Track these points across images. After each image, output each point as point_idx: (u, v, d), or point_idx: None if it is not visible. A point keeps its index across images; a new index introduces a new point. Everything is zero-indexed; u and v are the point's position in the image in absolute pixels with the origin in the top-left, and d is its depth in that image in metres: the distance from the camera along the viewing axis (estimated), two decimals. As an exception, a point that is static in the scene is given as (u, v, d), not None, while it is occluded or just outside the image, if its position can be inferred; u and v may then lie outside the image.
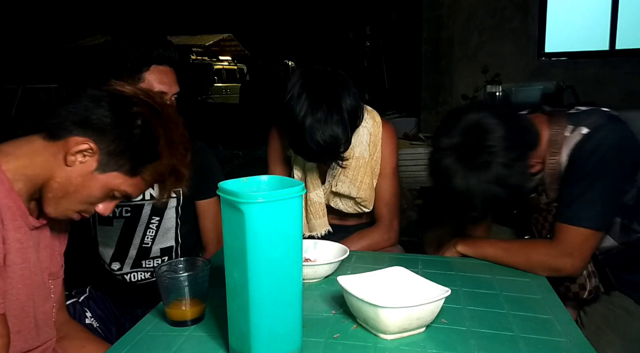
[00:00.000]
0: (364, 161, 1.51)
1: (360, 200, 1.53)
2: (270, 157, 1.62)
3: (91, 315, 1.42)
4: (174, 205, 1.48)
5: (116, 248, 1.46)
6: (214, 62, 14.41)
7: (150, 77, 1.35)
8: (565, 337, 0.89)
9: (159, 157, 0.92)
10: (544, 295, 1.07)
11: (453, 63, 5.06)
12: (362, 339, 0.88)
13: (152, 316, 0.99)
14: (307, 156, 1.38)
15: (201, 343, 0.89)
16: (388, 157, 1.55)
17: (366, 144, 1.52)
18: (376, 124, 1.53)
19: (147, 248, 1.47)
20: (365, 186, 1.51)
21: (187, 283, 0.93)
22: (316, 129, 1.26)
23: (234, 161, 6.00)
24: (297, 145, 1.33)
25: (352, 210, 1.56)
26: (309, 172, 1.54)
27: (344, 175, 1.51)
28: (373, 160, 1.53)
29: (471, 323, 0.93)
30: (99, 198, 0.92)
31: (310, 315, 0.96)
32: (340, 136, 1.29)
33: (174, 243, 1.51)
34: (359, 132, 1.48)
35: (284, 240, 0.78)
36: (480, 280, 1.15)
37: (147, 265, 1.48)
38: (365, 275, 1.00)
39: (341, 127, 1.29)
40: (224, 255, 0.82)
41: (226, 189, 0.78)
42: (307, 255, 1.23)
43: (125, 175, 0.91)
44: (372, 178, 1.53)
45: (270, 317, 0.79)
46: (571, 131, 1.20)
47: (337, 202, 1.56)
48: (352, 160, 1.50)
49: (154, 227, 1.47)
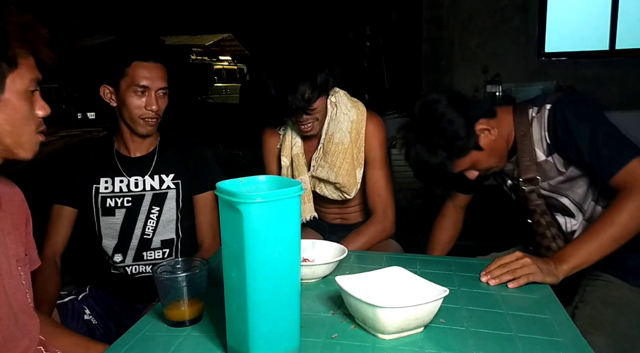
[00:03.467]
0: (343, 147, 1.57)
1: (339, 185, 1.59)
2: (265, 157, 1.73)
3: (90, 312, 1.44)
4: (174, 196, 1.54)
5: (119, 239, 1.51)
6: (214, 62, 14.41)
7: (132, 73, 1.41)
8: (562, 337, 0.89)
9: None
10: (541, 294, 1.07)
11: (453, 63, 5.06)
12: (360, 339, 0.88)
13: (150, 316, 0.99)
14: (283, 110, 1.48)
15: (199, 343, 0.89)
16: (376, 148, 1.60)
17: (346, 130, 1.57)
18: (360, 113, 1.60)
19: (148, 239, 1.52)
20: (343, 172, 1.57)
21: (185, 284, 0.93)
22: (285, 83, 1.42)
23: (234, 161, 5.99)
24: (274, 103, 1.45)
25: (336, 196, 1.63)
26: (295, 158, 1.63)
27: (324, 161, 1.59)
28: (355, 147, 1.59)
29: (469, 323, 0.93)
30: (27, 106, 0.93)
31: (309, 315, 0.97)
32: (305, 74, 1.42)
33: (175, 236, 1.55)
34: (339, 119, 1.58)
35: (282, 240, 0.78)
36: (478, 280, 1.14)
37: (149, 257, 1.52)
38: (363, 275, 1.00)
39: (308, 81, 1.42)
40: (222, 255, 0.82)
41: (224, 189, 0.78)
42: (306, 255, 1.23)
43: (13, 73, 0.90)
44: (352, 165, 1.59)
45: (268, 317, 0.79)
46: (536, 112, 1.29)
47: (322, 187, 1.64)
48: (331, 146, 1.57)
49: (155, 218, 1.52)
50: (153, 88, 1.43)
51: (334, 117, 1.59)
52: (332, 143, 1.57)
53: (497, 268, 1.14)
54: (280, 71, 1.44)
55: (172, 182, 1.54)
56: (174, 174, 1.54)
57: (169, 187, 1.53)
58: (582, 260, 1.14)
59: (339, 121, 1.58)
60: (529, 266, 1.11)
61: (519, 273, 1.10)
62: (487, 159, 1.31)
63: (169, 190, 1.53)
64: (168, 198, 1.53)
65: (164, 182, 1.53)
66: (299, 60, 1.46)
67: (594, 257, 1.15)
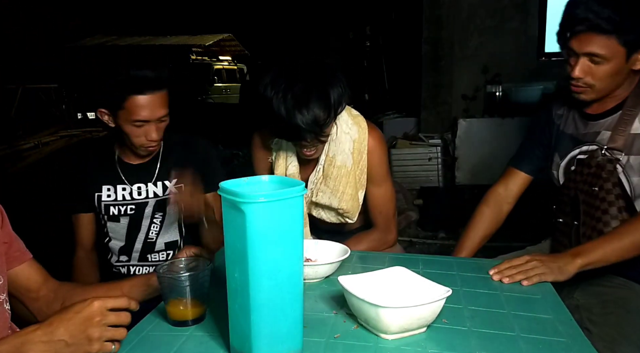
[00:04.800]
0: (347, 170, 1.44)
1: (342, 211, 1.47)
2: (256, 166, 1.59)
3: None
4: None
5: (125, 242, 1.55)
6: (214, 62, 14.40)
7: (130, 107, 1.37)
8: (566, 337, 0.89)
9: None
10: (544, 295, 1.07)
11: (453, 63, 5.06)
12: (363, 339, 0.88)
13: (152, 316, 0.99)
14: (287, 133, 1.32)
15: (202, 343, 0.89)
16: (377, 165, 1.48)
17: (349, 152, 1.44)
18: (362, 130, 1.45)
19: (152, 242, 1.54)
20: (347, 197, 1.44)
21: (188, 283, 0.93)
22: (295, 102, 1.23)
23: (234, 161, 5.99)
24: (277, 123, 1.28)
25: (335, 220, 1.52)
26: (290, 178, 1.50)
27: (325, 185, 1.45)
28: (358, 169, 1.46)
29: (472, 323, 0.93)
30: None
31: (311, 315, 0.96)
32: (322, 109, 1.25)
33: (178, 238, 1.57)
34: (340, 140, 1.43)
35: (285, 240, 0.78)
36: (481, 280, 1.14)
37: (153, 259, 1.55)
38: (366, 275, 1.00)
39: (323, 101, 1.25)
40: (225, 255, 0.82)
41: (227, 189, 0.78)
42: (308, 255, 1.23)
43: None
44: (356, 189, 1.46)
45: (271, 316, 0.79)
46: None
47: (319, 211, 1.51)
48: (332, 169, 1.44)
49: (158, 222, 1.55)
50: (153, 119, 1.39)
51: (335, 138, 1.43)
52: (333, 166, 1.43)
53: (508, 268, 1.14)
54: (291, 88, 1.24)
55: (175, 187, 1.54)
56: (177, 179, 1.54)
57: (172, 192, 1.54)
58: (599, 258, 1.13)
59: (340, 141, 1.43)
60: (539, 267, 1.12)
61: (531, 273, 1.11)
62: (614, 77, 1.20)
63: (172, 195, 1.53)
64: (171, 203, 1.52)
65: (167, 188, 1.54)
66: (314, 76, 1.27)
67: (612, 258, 1.14)
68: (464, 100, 4.83)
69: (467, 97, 4.72)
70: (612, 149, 1.25)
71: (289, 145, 1.46)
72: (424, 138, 4.56)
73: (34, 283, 1.07)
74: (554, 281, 1.11)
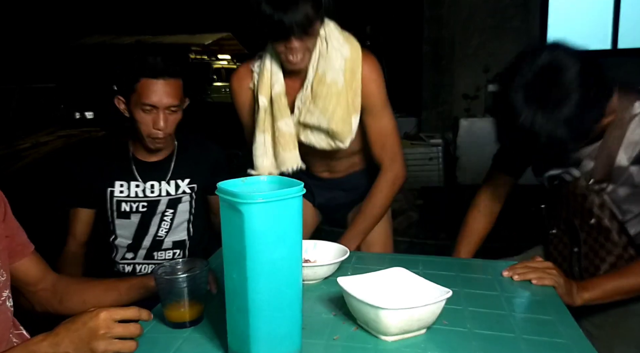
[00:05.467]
0: (337, 89, 1.35)
1: (332, 133, 1.38)
2: (237, 103, 1.52)
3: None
4: (188, 200, 1.55)
5: (133, 239, 1.53)
6: (213, 61, 14.40)
7: (140, 90, 1.38)
8: (566, 338, 0.88)
9: None
10: (545, 296, 1.07)
11: (454, 62, 5.05)
12: (362, 341, 0.87)
13: (150, 317, 0.98)
14: (274, 30, 1.25)
15: (200, 344, 0.88)
16: (375, 92, 1.40)
17: (340, 70, 1.35)
18: (354, 49, 1.38)
19: (161, 240, 1.54)
20: (337, 118, 1.36)
21: (186, 285, 0.92)
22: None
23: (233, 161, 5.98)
24: (264, 21, 1.23)
25: (326, 146, 1.42)
26: (276, 99, 1.40)
27: (314, 105, 1.37)
28: (351, 90, 1.37)
29: (472, 325, 0.93)
30: None
31: (310, 316, 0.96)
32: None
33: (186, 237, 1.57)
34: (331, 56, 1.35)
35: (283, 241, 0.78)
36: (481, 281, 1.14)
37: (159, 257, 1.55)
38: (365, 276, 0.99)
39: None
40: (222, 256, 0.81)
41: (225, 189, 0.77)
42: (307, 255, 1.22)
43: None
44: (348, 112, 1.38)
45: (269, 318, 0.78)
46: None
47: (308, 134, 1.42)
48: (322, 87, 1.35)
49: (168, 220, 1.54)
50: (161, 106, 1.39)
51: (325, 54, 1.35)
52: (323, 84, 1.35)
53: (523, 267, 1.15)
54: None
55: (187, 187, 1.55)
56: (190, 179, 1.55)
57: (184, 192, 1.55)
58: (606, 296, 1.15)
59: (330, 58, 1.35)
60: (555, 275, 1.11)
61: (544, 275, 1.11)
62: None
63: (184, 194, 1.55)
64: (182, 202, 1.54)
65: (180, 187, 1.54)
66: None
67: (617, 297, 1.15)
68: (465, 100, 4.82)
69: (468, 97, 4.71)
70: (598, 181, 1.21)
71: (273, 63, 1.40)
72: (425, 138, 4.56)
73: (32, 277, 1.06)
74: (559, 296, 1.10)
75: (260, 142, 1.45)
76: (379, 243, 1.59)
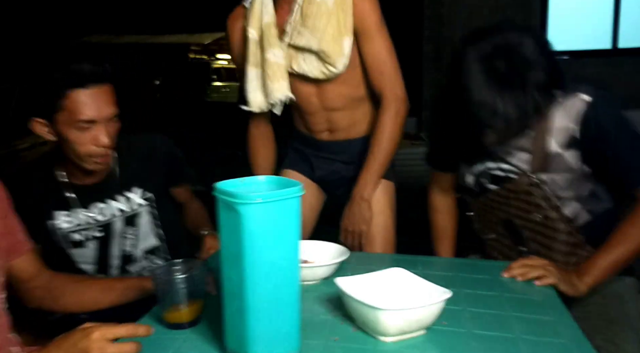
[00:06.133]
0: (327, 8, 1.33)
1: (323, 55, 1.34)
2: (232, 46, 1.55)
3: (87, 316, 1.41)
4: (148, 211, 1.40)
5: (97, 265, 1.39)
6: (213, 60, 14.38)
7: (70, 105, 1.13)
8: (566, 339, 0.88)
9: None
10: (545, 296, 1.06)
11: (454, 62, 5.05)
12: (361, 342, 0.87)
13: (148, 319, 0.98)
14: None
15: (198, 345, 0.88)
16: (367, 12, 1.36)
17: None
18: None
19: (129, 254, 1.40)
20: (328, 37, 1.33)
21: (184, 286, 0.92)
22: None
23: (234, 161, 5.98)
24: None
25: (319, 73, 1.38)
26: (265, 29, 1.38)
27: (303, 26, 1.35)
28: (341, 10, 1.34)
29: (472, 325, 0.92)
30: None
31: (309, 317, 0.95)
32: None
33: (159, 242, 1.44)
34: None
35: (281, 241, 0.77)
36: (480, 282, 1.13)
37: (135, 270, 1.42)
38: (364, 277, 0.99)
39: None
40: (220, 256, 0.81)
41: (223, 190, 0.77)
42: (305, 256, 1.21)
43: None
44: (339, 32, 1.34)
45: (267, 319, 0.78)
46: (563, 97, 1.16)
47: (300, 62, 1.39)
48: (312, 7, 1.34)
49: (132, 236, 1.39)
50: (101, 120, 1.16)
51: None
52: (312, 3, 1.33)
53: (522, 266, 1.14)
54: None
55: (142, 200, 1.38)
56: (142, 188, 1.38)
57: (140, 205, 1.37)
58: (606, 273, 1.15)
59: None
60: (556, 274, 1.11)
61: (547, 274, 1.11)
62: None
63: (141, 208, 1.37)
64: (142, 216, 1.38)
65: (133, 201, 1.37)
66: None
67: (615, 270, 1.16)
68: (464, 100, 4.81)
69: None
70: (536, 171, 1.23)
71: None
72: (425, 138, 4.55)
73: (26, 275, 1.05)
74: (564, 292, 1.10)
75: (251, 77, 1.44)
76: (380, 236, 1.55)
